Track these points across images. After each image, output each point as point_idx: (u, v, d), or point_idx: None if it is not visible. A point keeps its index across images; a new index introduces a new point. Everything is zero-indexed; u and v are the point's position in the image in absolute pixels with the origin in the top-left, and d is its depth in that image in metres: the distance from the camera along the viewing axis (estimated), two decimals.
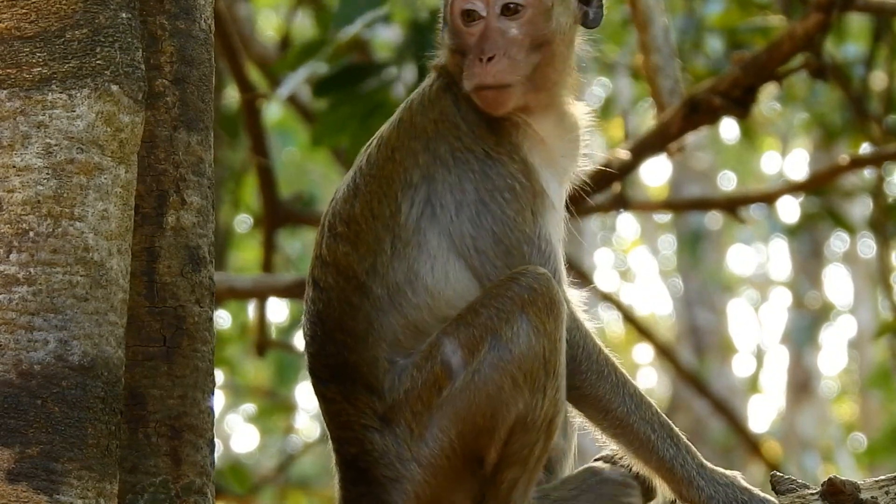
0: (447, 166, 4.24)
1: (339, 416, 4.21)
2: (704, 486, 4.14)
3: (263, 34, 12.97)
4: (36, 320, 3.67)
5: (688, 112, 7.23)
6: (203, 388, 4.08)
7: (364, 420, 4.16)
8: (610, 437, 4.21)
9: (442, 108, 4.30)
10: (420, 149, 4.26)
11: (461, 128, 4.26)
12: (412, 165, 4.25)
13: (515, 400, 4.07)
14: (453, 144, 4.25)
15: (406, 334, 4.17)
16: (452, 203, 4.22)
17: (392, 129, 4.33)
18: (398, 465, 4.13)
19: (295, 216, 9.95)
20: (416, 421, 4.11)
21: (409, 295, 4.18)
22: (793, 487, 4.22)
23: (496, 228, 4.19)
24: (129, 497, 3.96)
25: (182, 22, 4.16)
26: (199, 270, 4.12)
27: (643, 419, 4.16)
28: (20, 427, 3.63)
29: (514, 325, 4.07)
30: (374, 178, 4.27)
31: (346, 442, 4.20)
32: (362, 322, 4.18)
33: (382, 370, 4.15)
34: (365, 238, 4.22)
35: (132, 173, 3.84)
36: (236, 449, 19.80)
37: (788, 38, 7.11)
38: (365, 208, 4.25)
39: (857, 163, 8.71)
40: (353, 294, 4.20)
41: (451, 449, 4.11)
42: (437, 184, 4.23)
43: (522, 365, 4.06)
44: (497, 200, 4.21)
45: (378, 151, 4.31)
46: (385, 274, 4.19)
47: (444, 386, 4.10)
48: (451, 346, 4.10)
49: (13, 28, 3.76)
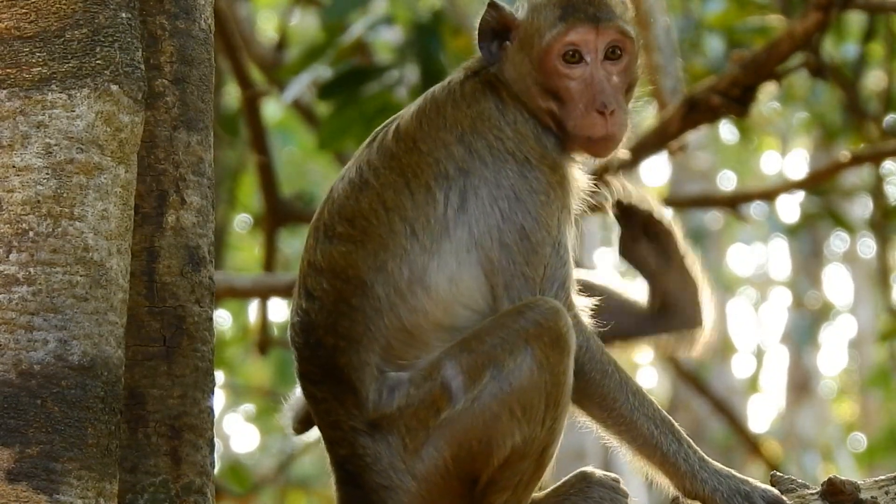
0: (485, 162, 4.22)
1: (328, 416, 4.21)
2: (708, 478, 4.17)
3: (263, 34, 12.96)
4: (36, 320, 3.67)
5: (687, 111, 7.24)
6: (203, 387, 4.08)
7: (352, 422, 4.16)
8: (613, 434, 4.22)
9: (483, 108, 4.27)
10: (453, 141, 4.23)
11: (504, 131, 4.25)
12: (445, 157, 4.22)
13: (512, 431, 4.08)
14: (492, 143, 4.24)
15: (399, 339, 4.16)
16: (487, 197, 4.21)
17: (414, 122, 4.28)
18: (392, 473, 4.14)
19: (296, 215, 9.96)
20: (410, 436, 4.11)
21: (408, 297, 4.15)
22: (793, 487, 4.22)
23: (526, 225, 4.19)
24: (129, 497, 3.96)
25: (182, 22, 4.16)
26: (199, 270, 4.12)
27: (646, 416, 4.18)
28: (20, 427, 3.63)
29: (517, 358, 4.07)
30: (391, 169, 4.23)
31: (336, 442, 4.21)
32: (359, 324, 4.16)
33: (370, 377, 4.14)
34: (375, 233, 4.19)
35: (132, 173, 3.84)
36: (236, 449, 19.81)
37: (788, 37, 7.12)
38: (375, 201, 4.21)
39: (857, 159, 8.72)
40: (352, 295, 4.17)
41: (444, 468, 4.11)
42: (474, 177, 4.21)
43: (521, 398, 4.07)
44: (532, 200, 4.21)
45: (395, 143, 4.26)
46: (392, 271, 4.16)
47: (443, 408, 4.09)
48: (452, 370, 4.09)
49: (13, 28, 3.76)
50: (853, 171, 10.90)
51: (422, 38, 8.18)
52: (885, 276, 11.55)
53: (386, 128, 4.34)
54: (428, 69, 8.09)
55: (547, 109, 4.27)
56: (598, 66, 4.27)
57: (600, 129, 4.25)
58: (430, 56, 8.14)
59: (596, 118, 4.24)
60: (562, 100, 4.27)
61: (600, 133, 4.25)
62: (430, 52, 8.15)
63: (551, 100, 4.28)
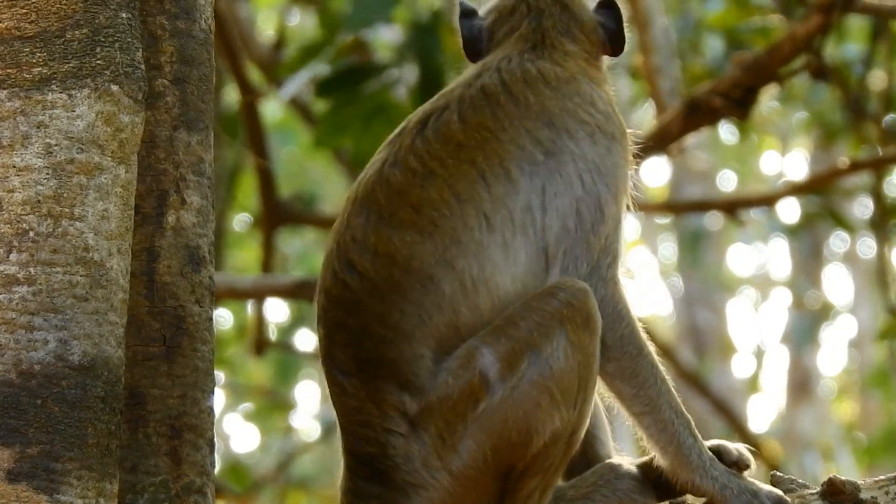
0: (575, 138, 4.22)
1: (358, 413, 4.10)
2: (718, 476, 4.17)
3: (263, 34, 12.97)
4: (36, 320, 3.67)
5: (688, 112, 7.24)
6: (203, 387, 4.08)
7: (387, 423, 4.06)
8: (635, 415, 4.18)
9: (578, 89, 4.27)
10: (541, 126, 4.20)
11: (599, 107, 4.27)
12: (531, 143, 4.18)
13: (552, 417, 4.03)
14: (585, 120, 4.24)
15: (449, 337, 4.07)
16: (573, 171, 4.19)
17: (480, 109, 4.20)
18: (424, 472, 4.05)
19: (294, 216, 9.96)
20: (448, 430, 4.03)
21: (472, 295, 4.07)
22: (793, 487, 4.22)
23: (602, 196, 4.20)
24: (129, 497, 3.96)
25: (182, 22, 4.16)
26: (199, 270, 4.12)
27: (669, 404, 4.17)
28: (20, 427, 3.63)
29: (553, 341, 4.03)
30: (460, 160, 4.14)
31: (362, 440, 4.10)
32: (412, 317, 4.05)
33: (425, 369, 4.05)
34: (448, 225, 4.09)
35: (132, 173, 3.84)
36: (236, 449, 19.81)
37: (789, 39, 7.12)
38: (447, 192, 4.11)
39: (855, 166, 8.72)
40: (411, 288, 4.06)
41: (483, 462, 4.05)
42: (562, 156, 4.20)
43: (560, 382, 4.03)
44: (612, 174, 4.23)
45: (463, 133, 4.17)
46: (463, 268, 4.07)
47: (481, 399, 4.02)
48: (489, 358, 4.02)
49: (13, 28, 3.76)
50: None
51: (420, 38, 8.18)
52: (885, 276, 11.55)
53: (434, 116, 4.22)
54: (426, 68, 8.08)
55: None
56: None
57: None
58: (428, 55, 8.13)
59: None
60: None
61: None
62: (429, 52, 8.15)
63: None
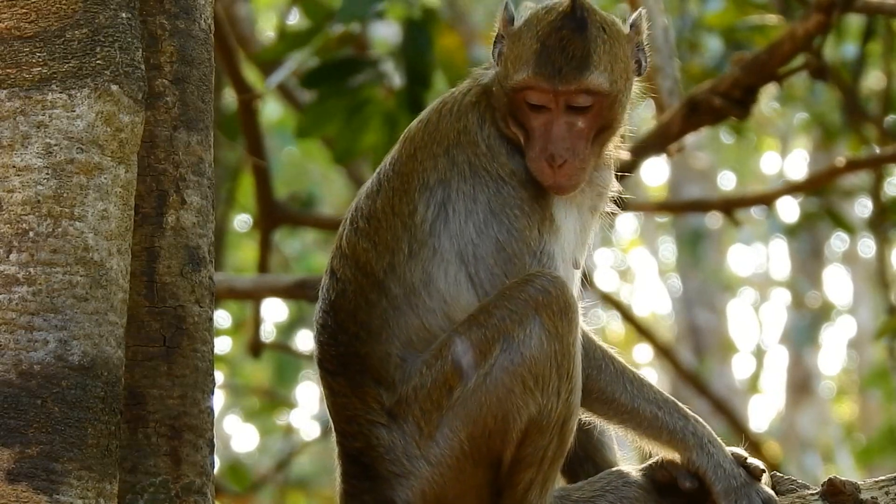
0: (464, 175, 4.24)
1: (345, 410, 4.22)
2: (714, 452, 4.19)
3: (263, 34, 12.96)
4: (36, 320, 3.67)
5: (688, 112, 7.23)
6: (203, 388, 4.08)
7: (370, 416, 4.17)
8: (618, 425, 4.24)
9: (467, 123, 4.28)
10: (441, 153, 4.26)
11: (480, 146, 4.26)
12: (431, 168, 4.25)
13: (526, 403, 4.08)
14: (471, 158, 4.25)
15: (420, 336, 4.19)
16: (464, 210, 4.22)
17: (419, 128, 4.33)
18: (405, 461, 4.14)
19: (291, 217, 9.94)
20: (425, 419, 4.12)
21: (424, 298, 4.19)
22: (793, 487, 4.23)
23: (500, 237, 4.20)
24: (129, 497, 3.96)
25: (182, 22, 4.16)
26: (199, 270, 4.12)
27: (647, 400, 4.20)
28: (20, 427, 3.63)
29: (526, 328, 4.08)
30: (397, 174, 4.29)
31: (350, 436, 4.21)
32: (377, 318, 4.19)
33: (394, 365, 4.16)
34: (384, 235, 4.23)
35: (132, 173, 3.84)
36: (236, 449, 19.80)
37: (789, 38, 7.11)
38: (386, 205, 4.26)
39: (853, 165, 8.72)
40: (370, 290, 4.22)
41: (461, 450, 4.12)
42: (453, 190, 4.24)
43: (533, 368, 4.07)
44: (506, 213, 4.22)
45: (402, 148, 4.32)
46: (402, 274, 4.21)
47: (455, 386, 4.10)
48: (462, 347, 4.11)
49: (13, 28, 3.76)
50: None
51: (411, 35, 8.15)
52: (885, 276, 11.55)
53: (409, 128, 4.38)
54: (413, 66, 8.05)
55: (513, 134, 4.24)
56: (559, 116, 4.19)
57: (548, 178, 4.19)
58: (417, 53, 8.10)
59: (545, 166, 4.18)
60: (525, 132, 4.22)
61: (547, 182, 4.20)
62: (418, 50, 8.12)
63: (517, 127, 4.23)
